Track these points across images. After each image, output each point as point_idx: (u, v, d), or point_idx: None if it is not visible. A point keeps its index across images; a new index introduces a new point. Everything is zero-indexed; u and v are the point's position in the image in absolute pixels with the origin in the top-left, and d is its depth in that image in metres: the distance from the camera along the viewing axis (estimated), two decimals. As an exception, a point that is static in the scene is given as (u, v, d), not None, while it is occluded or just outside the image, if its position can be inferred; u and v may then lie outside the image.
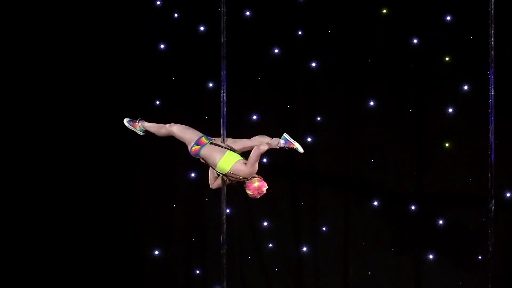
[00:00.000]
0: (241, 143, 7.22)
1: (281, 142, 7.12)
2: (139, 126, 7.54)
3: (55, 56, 9.40)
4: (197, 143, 7.14)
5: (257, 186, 7.00)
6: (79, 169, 9.45)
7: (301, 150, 7.18)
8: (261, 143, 7.07)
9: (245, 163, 6.98)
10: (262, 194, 7.10)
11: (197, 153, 7.13)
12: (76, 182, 9.45)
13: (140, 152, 9.60)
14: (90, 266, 9.45)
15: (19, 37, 9.37)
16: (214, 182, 7.32)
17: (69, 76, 9.44)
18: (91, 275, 9.45)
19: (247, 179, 7.01)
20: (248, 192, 7.07)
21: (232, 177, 7.04)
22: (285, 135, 7.15)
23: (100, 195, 9.47)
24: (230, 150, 7.08)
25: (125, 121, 7.59)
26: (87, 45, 9.43)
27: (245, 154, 7.15)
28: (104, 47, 9.44)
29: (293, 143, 7.14)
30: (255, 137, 7.27)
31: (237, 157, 7.03)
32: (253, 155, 6.97)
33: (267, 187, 7.06)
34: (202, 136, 7.21)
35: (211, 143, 7.13)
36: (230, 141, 7.23)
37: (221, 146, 7.10)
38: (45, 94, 9.40)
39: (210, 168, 7.21)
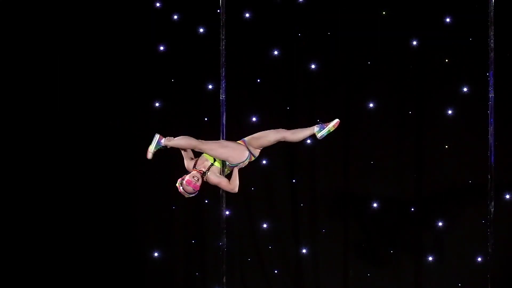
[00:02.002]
0: None
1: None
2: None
3: (55, 56, 9.40)
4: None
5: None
6: (79, 170, 9.45)
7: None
8: None
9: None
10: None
11: None
12: (76, 183, 9.45)
13: (139, 153, 9.59)
14: (90, 267, 9.45)
15: (19, 38, 9.37)
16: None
17: (69, 76, 9.44)
18: (91, 276, 9.46)
19: None
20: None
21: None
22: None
23: (100, 196, 9.48)
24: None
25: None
26: (87, 46, 9.43)
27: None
28: (104, 48, 9.44)
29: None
30: None
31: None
32: None
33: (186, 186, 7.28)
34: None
35: None
36: None
37: None
38: (45, 94, 9.41)
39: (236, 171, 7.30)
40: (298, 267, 9.58)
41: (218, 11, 7.73)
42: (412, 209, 9.41)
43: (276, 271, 9.58)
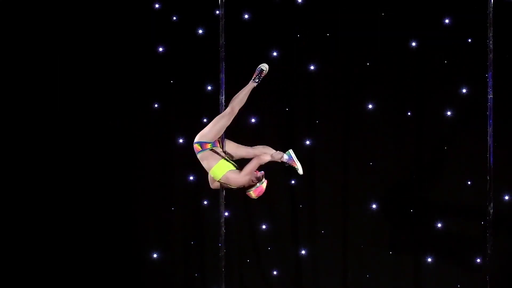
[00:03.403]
0: (244, 150, 7.33)
1: (285, 157, 7.23)
2: None
3: (55, 57, 9.41)
4: (201, 145, 7.17)
5: (257, 194, 7.15)
6: (79, 171, 9.46)
7: (301, 171, 7.28)
8: (262, 154, 7.18)
9: (239, 172, 7.08)
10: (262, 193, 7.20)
11: (196, 153, 7.18)
12: (75, 184, 9.45)
13: (139, 154, 9.60)
14: (89, 269, 9.45)
15: (19, 38, 9.37)
16: (213, 183, 7.38)
17: (69, 77, 9.45)
18: (90, 277, 9.45)
19: (238, 188, 7.15)
20: (251, 196, 7.19)
21: (223, 184, 7.17)
22: (290, 151, 7.24)
23: (100, 197, 9.47)
24: (225, 159, 7.14)
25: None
26: (87, 47, 9.44)
27: (244, 161, 7.21)
28: (104, 49, 9.45)
29: (296, 162, 7.24)
30: (258, 146, 7.35)
31: (230, 166, 7.14)
32: (251, 164, 7.09)
33: (264, 185, 7.16)
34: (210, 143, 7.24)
35: (211, 149, 7.16)
36: (233, 146, 7.31)
37: (219, 154, 7.15)
38: (45, 94, 9.41)
39: None
40: (297, 268, 9.57)
41: (217, 12, 7.72)
42: (411, 210, 9.41)
43: (275, 272, 9.58)
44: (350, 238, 9.50)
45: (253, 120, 9.47)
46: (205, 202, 9.50)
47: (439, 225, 9.35)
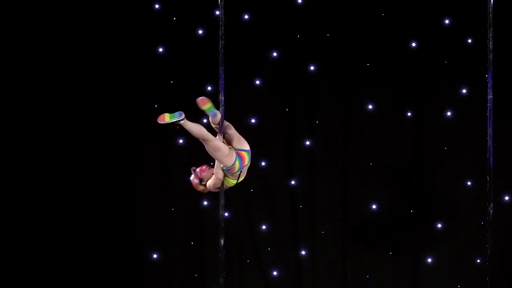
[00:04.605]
0: None
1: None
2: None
3: (55, 59, 9.40)
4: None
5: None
6: (78, 172, 9.45)
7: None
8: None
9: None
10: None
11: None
12: (75, 185, 9.44)
13: (139, 155, 9.60)
14: (88, 269, 9.45)
15: (19, 41, 9.37)
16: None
17: (68, 78, 9.44)
18: (89, 278, 9.46)
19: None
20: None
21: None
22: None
23: (99, 197, 9.47)
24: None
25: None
26: (87, 48, 9.43)
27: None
28: (104, 50, 9.44)
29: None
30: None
31: None
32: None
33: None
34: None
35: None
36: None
37: None
38: (44, 96, 9.41)
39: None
40: (297, 269, 9.57)
41: (217, 12, 7.72)
42: (411, 211, 9.41)
43: (275, 273, 9.58)
44: (350, 238, 9.51)
45: (253, 121, 9.46)
46: (205, 203, 9.50)
47: (439, 225, 9.36)
